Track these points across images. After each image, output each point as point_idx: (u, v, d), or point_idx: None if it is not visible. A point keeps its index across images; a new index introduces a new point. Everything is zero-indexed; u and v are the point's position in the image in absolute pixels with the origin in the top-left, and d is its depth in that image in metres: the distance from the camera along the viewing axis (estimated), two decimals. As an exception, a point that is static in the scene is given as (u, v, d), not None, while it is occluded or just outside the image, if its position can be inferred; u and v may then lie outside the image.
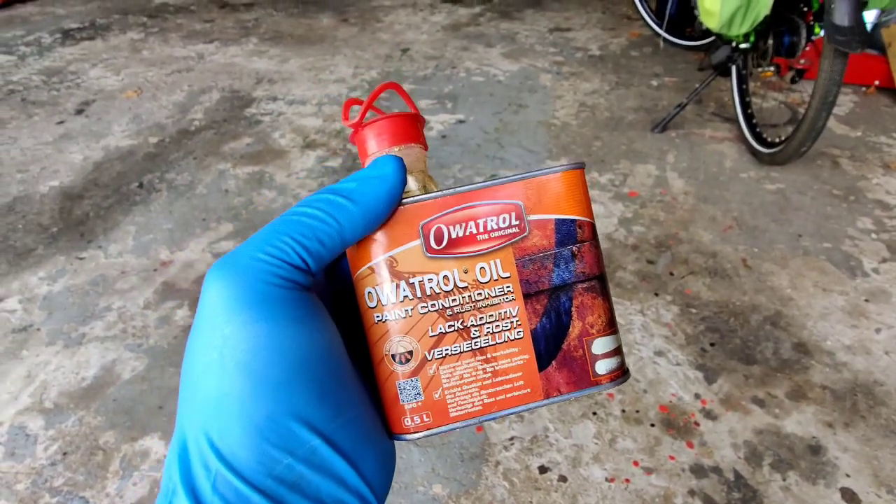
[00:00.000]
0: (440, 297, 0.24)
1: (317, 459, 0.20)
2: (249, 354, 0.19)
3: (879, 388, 1.12)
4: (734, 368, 1.17)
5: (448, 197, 0.24)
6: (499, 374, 0.25)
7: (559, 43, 2.68)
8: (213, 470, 0.19)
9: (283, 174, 1.83)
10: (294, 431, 0.20)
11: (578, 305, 0.25)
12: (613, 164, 1.81)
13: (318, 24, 3.03)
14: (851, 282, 1.36)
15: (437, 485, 0.99)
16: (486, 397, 0.25)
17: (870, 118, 1.99)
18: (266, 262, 0.20)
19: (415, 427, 0.24)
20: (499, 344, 0.25)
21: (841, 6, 1.36)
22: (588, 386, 0.25)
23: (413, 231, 0.24)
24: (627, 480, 0.99)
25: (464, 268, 0.24)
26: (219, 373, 0.19)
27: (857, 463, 1.00)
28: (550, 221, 0.25)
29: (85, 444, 1.08)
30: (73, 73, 2.56)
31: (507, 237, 0.25)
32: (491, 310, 0.25)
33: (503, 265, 0.25)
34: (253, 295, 0.20)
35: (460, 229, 0.24)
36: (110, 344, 1.28)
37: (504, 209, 0.24)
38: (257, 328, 0.20)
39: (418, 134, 0.28)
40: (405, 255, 0.24)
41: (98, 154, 1.97)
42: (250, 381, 0.19)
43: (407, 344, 0.24)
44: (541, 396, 0.25)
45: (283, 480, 0.19)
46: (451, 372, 0.25)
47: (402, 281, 0.24)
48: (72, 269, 1.49)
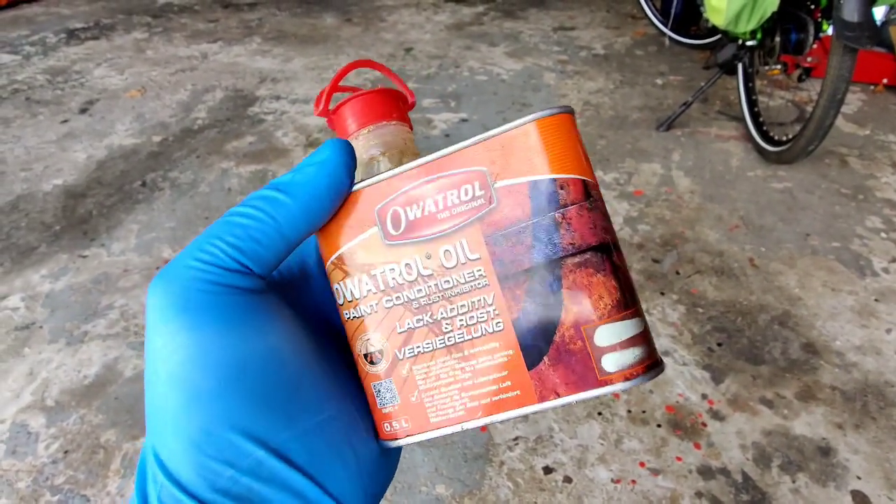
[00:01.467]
0: (404, 289, 0.21)
1: (265, 472, 0.19)
2: (179, 366, 0.19)
3: (890, 388, 1.10)
4: (742, 369, 1.16)
5: (401, 174, 0.21)
6: (479, 373, 0.21)
7: (563, 42, 2.67)
8: (159, 483, 0.19)
9: (285, 172, 1.82)
10: (232, 443, 0.18)
11: (570, 286, 0.20)
12: (618, 163, 1.80)
13: (321, 24, 3.03)
14: (861, 281, 1.34)
15: (440, 485, 0.98)
16: (468, 401, 0.21)
17: (878, 116, 1.97)
18: (198, 269, 0.19)
19: (396, 433, 0.22)
20: (476, 339, 0.21)
21: (850, 2, 1.35)
22: (594, 387, 0.20)
23: (369, 217, 0.21)
24: (634, 482, 0.98)
25: (426, 253, 0.21)
26: (153, 387, 0.19)
27: (867, 465, 0.98)
28: (523, 186, 0.20)
29: (86, 443, 1.07)
30: (77, 72, 2.56)
31: (471, 212, 0.21)
32: (461, 298, 0.21)
33: (470, 245, 0.21)
34: (183, 303, 0.19)
35: (418, 209, 0.21)
36: (112, 342, 1.27)
37: (464, 179, 0.21)
38: (188, 337, 0.19)
39: (392, 110, 0.25)
40: (364, 244, 0.22)
41: (101, 153, 1.97)
42: (182, 394, 0.18)
43: (376, 342, 0.22)
44: (534, 400, 0.20)
45: (228, 493, 0.18)
46: (427, 372, 0.21)
47: (363, 274, 0.22)
48: (74, 268, 1.48)
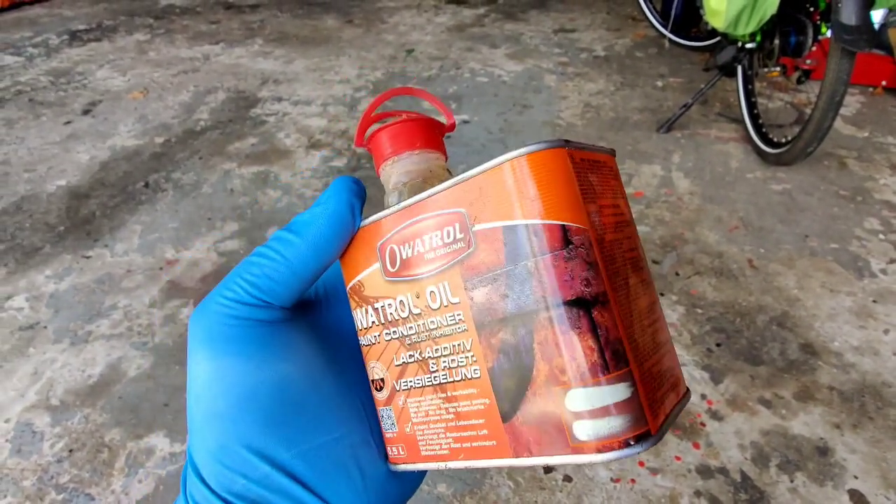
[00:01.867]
0: (399, 324, 0.22)
1: (273, 484, 0.21)
2: (202, 389, 0.22)
3: (888, 389, 1.11)
4: (740, 369, 1.16)
5: (396, 213, 0.21)
6: (461, 416, 0.21)
7: (564, 44, 2.68)
8: (192, 480, 0.22)
9: (287, 174, 1.83)
10: (243, 457, 0.21)
11: (542, 341, 0.18)
12: (619, 165, 1.80)
13: (323, 25, 3.04)
14: (859, 282, 1.35)
15: (441, 484, 0.99)
16: (452, 441, 0.21)
17: (877, 119, 1.98)
18: (222, 304, 0.22)
19: (396, 458, 0.23)
20: (458, 382, 0.20)
21: (848, 5, 1.36)
22: (565, 452, 0.18)
23: (373, 253, 0.22)
24: (633, 481, 0.99)
25: (415, 292, 0.21)
26: (188, 403, 0.23)
27: (865, 465, 0.99)
28: (498, 230, 0.19)
29: (91, 442, 1.08)
30: (80, 73, 2.57)
31: (452, 254, 0.20)
32: (445, 341, 0.21)
33: (451, 289, 0.20)
34: (209, 335, 0.22)
35: (409, 248, 0.21)
36: (116, 342, 1.28)
37: (447, 220, 0.20)
38: (209, 365, 0.22)
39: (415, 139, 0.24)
40: (369, 278, 0.23)
41: (104, 154, 1.98)
42: (202, 412, 0.22)
43: (379, 371, 0.23)
44: (509, 454, 0.19)
45: (243, 497, 0.21)
46: (418, 406, 0.22)
47: (368, 306, 0.23)
48: (78, 268, 1.49)
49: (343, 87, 2.36)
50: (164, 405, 1.14)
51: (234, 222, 1.64)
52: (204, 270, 1.47)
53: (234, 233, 1.60)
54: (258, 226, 1.62)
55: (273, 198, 1.73)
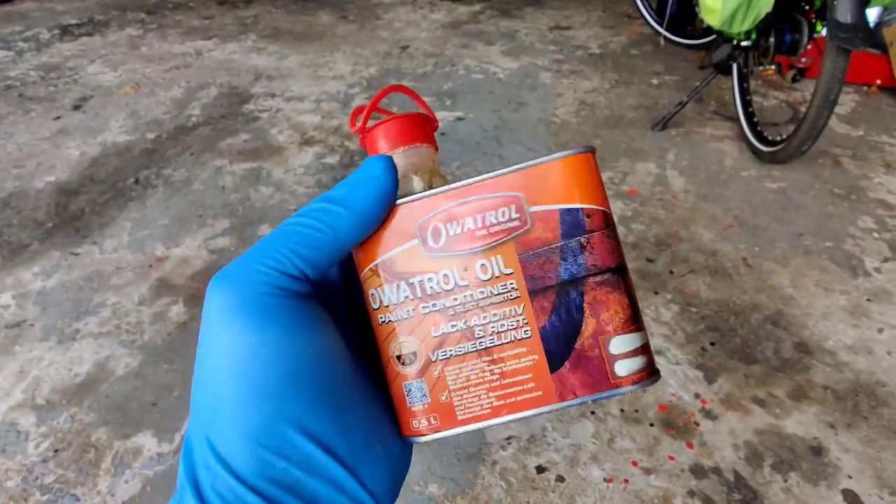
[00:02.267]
0: (441, 297, 0.24)
1: (312, 465, 0.20)
2: (245, 362, 0.20)
3: (882, 388, 1.11)
4: (734, 368, 1.16)
5: (444, 194, 0.24)
6: (507, 375, 0.23)
7: (559, 41, 2.67)
8: (213, 471, 0.20)
9: (280, 171, 1.82)
10: (288, 437, 0.20)
11: (591, 301, 0.23)
12: (613, 162, 1.80)
13: (317, 21, 3.02)
14: (853, 281, 1.35)
15: (433, 484, 0.98)
16: (494, 400, 0.23)
17: (871, 117, 1.98)
18: (262, 273, 0.21)
19: (423, 430, 0.24)
20: (505, 344, 0.23)
21: (844, 3, 1.35)
22: (607, 388, 0.23)
23: (411, 230, 0.24)
24: (626, 481, 0.98)
25: (463, 266, 0.23)
26: (216, 380, 0.20)
27: (859, 464, 0.99)
28: (554, 212, 0.23)
29: (77, 441, 1.06)
30: (70, 68, 2.54)
31: (507, 231, 0.23)
32: (494, 308, 0.23)
33: (505, 261, 0.23)
34: (249, 305, 0.20)
35: (458, 226, 0.23)
36: (104, 340, 1.26)
37: (502, 202, 0.23)
38: (252, 337, 0.20)
39: (424, 134, 0.27)
40: (404, 254, 0.24)
41: (95, 149, 1.95)
42: (244, 388, 0.20)
43: (410, 345, 0.24)
44: (555, 399, 0.23)
45: (279, 483, 0.20)
46: (457, 373, 0.24)
47: (401, 281, 0.24)
48: (66, 265, 1.47)
49: (337, 84, 2.34)
50: (153, 404, 1.12)
51: (226, 219, 1.62)
52: (194, 268, 1.45)
53: (226, 230, 1.58)
54: (250, 223, 1.60)
55: (265, 195, 1.71)
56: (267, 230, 1.57)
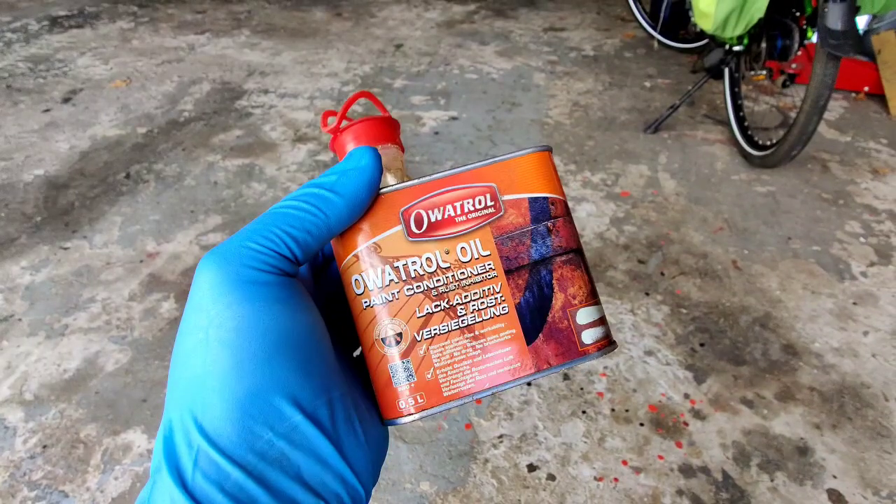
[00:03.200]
0: (424, 279, 0.25)
1: (297, 437, 0.20)
2: (233, 332, 0.20)
3: (866, 390, 1.13)
4: (723, 369, 1.17)
5: (425, 183, 0.25)
6: (488, 350, 0.25)
7: (553, 42, 2.68)
8: (195, 446, 0.19)
9: (273, 167, 1.81)
10: (276, 406, 0.20)
11: (559, 278, 0.26)
12: (606, 164, 1.81)
13: (311, 18, 3.00)
14: (840, 285, 1.37)
15: (424, 482, 0.98)
16: (477, 374, 0.25)
17: (859, 124, 2.01)
18: (255, 251, 0.21)
19: (410, 409, 0.25)
20: (486, 320, 0.25)
21: (834, 10, 1.37)
22: (577, 356, 0.25)
23: (394, 217, 0.25)
24: (616, 480, 0.99)
25: (445, 249, 0.25)
26: (203, 352, 0.20)
27: (843, 464, 1.00)
28: (524, 200, 0.26)
29: (65, 438, 1.05)
30: (60, 61, 2.51)
31: (483, 217, 0.25)
32: (475, 287, 0.25)
33: (482, 244, 0.25)
34: (239, 279, 0.21)
35: (439, 213, 0.25)
36: (94, 336, 1.25)
37: (479, 191, 0.26)
38: (242, 308, 0.20)
39: (394, 135, 0.29)
40: (388, 240, 0.25)
41: (85, 143, 1.93)
42: (233, 358, 0.20)
43: (396, 326, 0.25)
44: (532, 370, 0.25)
45: (263, 456, 0.20)
46: (442, 351, 0.25)
47: (386, 265, 0.25)
48: (55, 260, 1.46)
49: (331, 81, 2.34)
50: (143, 401, 1.12)
51: (218, 215, 1.61)
52: (186, 264, 1.44)
53: (218, 226, 1.57)
54: (242, 219, 1.59)
55: (258, 191, 1.70)
56: (259, 227, 1.56)
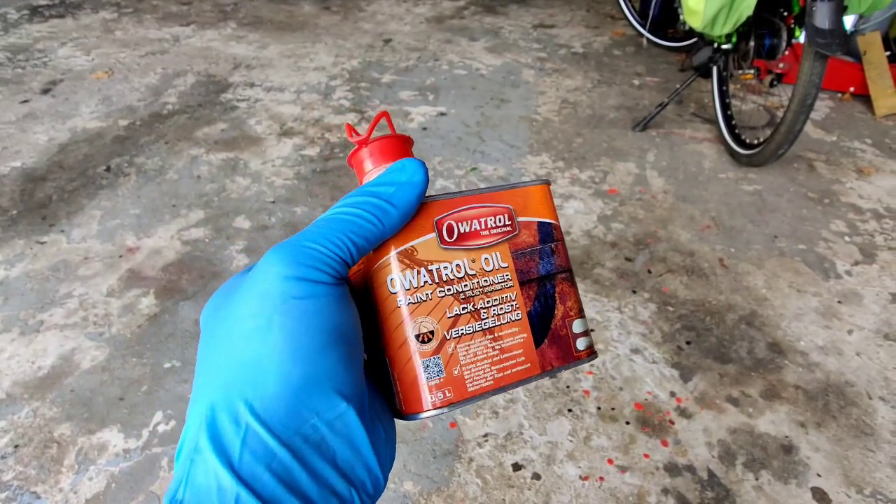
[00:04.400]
0: (454, 283, 0.27)
1: (339, 424, 0.22)
2: (297, 321, 0.22)
3: (850, 388, 1.13)
4: (709, 367, 1.17)
5: (455, 198, 0.28)
6: (504, 350, 0.28)
7: (543, 39, 2.67)
8: (244, 425, 0.20)
9: (258, 161, 1.78)
10: (325, 393, 0.22)
11: (560, 292, 0.30)
12: (594, 162, 1.80)
13: (299, 11, 2.96)
14: (825, 283, 1.37)
15: (408, 482, 0.97)
16: (496, 373, 0.28)
17: (845, 123, 2.02)
18: (322, 252, 0.23)
19: (437, 403, 0.26)
20: (503, 324, 0.28)
21: (822, 9, 1.37)
22: (573, 360, 0.29)
23: (429, 225, 0.27)
24: (601, 479, 0.98)
25: (472, 258, 0.28)
26: (264, 336, 0.21)
27: (828, 463, 1.01)
28: (534, 223, 0.30)
29: (38, 437, 1.02)
30: (40, 51, 2.46)
31: (503, 234, 0.29)
32: (495, 294, 0.28)
33: (502, 257, 0.29)
34: (306, 275, 0.22)
35: (467, 226, 0.28)
36: (70, 332, 1.22)
37: (500, 211, 0.29)
38: (306, 302, 0.22)
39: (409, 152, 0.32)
40: (423, 246, 0.27)
41: (64, 135, 1.89)
42: (293, 344, 0.21)
43: (429, 324, 0.27)
44: (538, 370, 0.28)
45: (307, 439, 0.21)
46: (467, 350, 0.27)
47: (422, 268, 0.27)
48: (31, 254, 1.42)
49: (318, 75, 2.30)
50: (119, 399, 1.09)
51: (200, 210, 1.58)
52: (167, 259, 1.41)
53: (200, 221, 1.54)
54: (225, 214, 1.56)
55: (242, 185, 1.67)
56: (243, 222, 1.53)
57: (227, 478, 0.19)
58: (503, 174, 1.74)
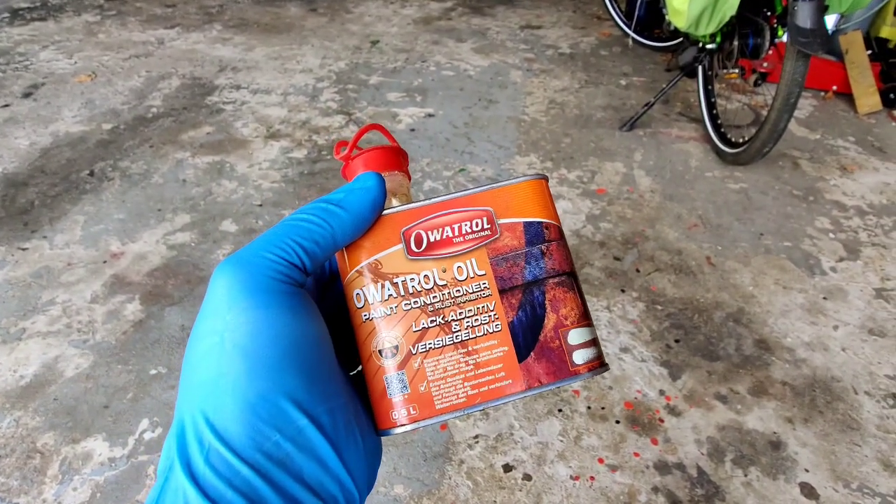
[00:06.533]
0: (422, 295, 0.26)
1: (302, 440, 0.21)
2: (247, 338, 0.21)
3: (836, 383, 1.14)
4: (698, 365, 1.18)
5: (425, 206, 0.27)
6: (480, 366, 0.26)
7: (530, 40, 2.68)
8: (207, 444, 0.20)
9: (244, 164, 1.76)
10: (284, 410, 0.21)
11: (552, 299, 0.27)
12: (582, 162, 1.81)
13: (285, 13, 2.95)
14: (810, 280, 1.39)
15: (398, 485, 0.96)
16: (469, 389, 0.26)
17: (828, 122, 2.05)
18: (270, 260, 0.23)
19: (402, 420, 0.25)
20: (479, 337, 0.26)
21: (803, 9, 1.39)
22: (567, 376, 0.26)
23: (395, 237, 0.26)
24: (592, 478, 0.98)
25: (442, 267, 0.26)
26: (218, 354, 0.21)
27: (815, 458, 1.01)
28: (519, 224, 0.27)
29: (21, 447, 1.00)
30: (21, 54, 2.42)
31: (480, 239, 0.27)
32: (469, 304, 0.26)
33: (478, 264, 0.27)
34: (255, 286, 0.22)
35: (437, 234, 0.27)
36: (53, 340, 1.20)
37: (476, 215, 0.27)
38: (257, 314, 0.22)
39: (401, 164, 0.31)
40: (389, 258, 0.26)
41: (46, 140, 1.86)
42: (247, 362, 0.21)
43: (392, 339, 0.26)
44: (523, 387, 0.26)
45: (270, 456, 0.21)
46: (436, 365, 0.26)
47: (386, 281, 0.26)
48: (13, 260, 1.39)
49: (305, 77, 2.29)
50: (104, 407, 1.07)
51: (186, 214, 1.56)
52: (152, 264, 1.40)
53: (186, 225, 1.52)
54: (212, 217, 1.55)
55: (228, 189, 1.66)
56: (230, 225, 1.52)
57: (193, 494, 0.20)
58: (492, 174, 1.74)
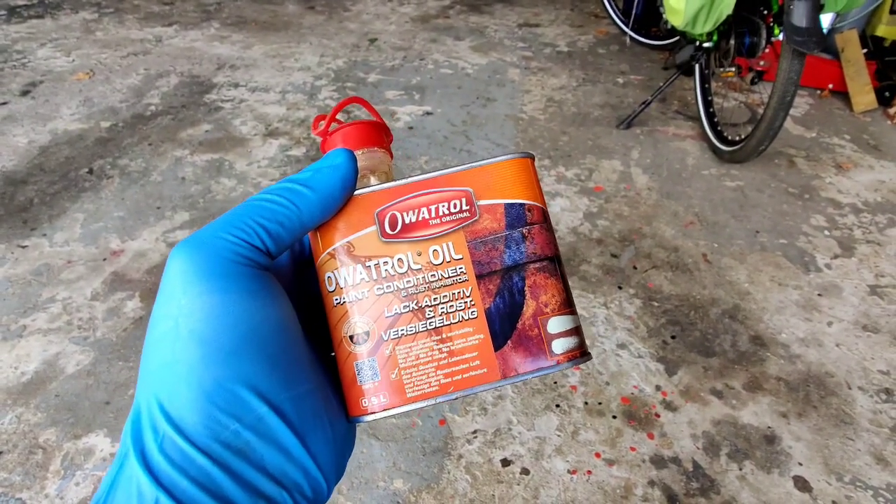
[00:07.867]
0: (395, 279, 0.25)
1: (263, 428, 0.20)
2: (202, 323, 0.20)
3: (830, 379, 1.16)
4: (694, 360, 1.19)
5: (401, 186, 0.25)
6: (454, 353, 0.25)
7: (528, 38, 2.68)
8: (161, 432, 0.19)
9: (243, 162, 1.77)
10: (242, 398, 0.20)
11: (531, 285, 0.25)
12: (579, 159, 1.82)
13: (283, 11, 2.95)
14: (805, 276, 1.40)
15: (398, 480, 0.97)
16: (442, 377, 0.25)
17: (824, 120, 2.06)
18: (228, 241, 0.22)
19: (372, 407, 0.24)
20: (454, 324, 0.25)
21: (799, 8, 1.40)
22: (546, 366, 0.25)
23: (369, 218, 0.25)
24: (589, 472, 0.99)
25: (417, 251, 0.25)
26: (173, 340, 0.20)
27: (809, 452, 1.03)
28: (500, 206, 0.26)
29: (23, 443, 1.01)
30: (18, 52, 2.42)
31: (458, 221, 0.25)
32: (445, 290, 0.25)
33: (455, 247, 0.25)
34: (211, 268, 0.21)
35: (413, 215, 0.25)
36: (54, 336, 1.20)
37: (454, 195, 0.26)
38: (213, 298, 0.20)
39: (381, 140, 0.30)
40: (361, 240, 0.25)
41: (44, 138, 1.86)
42: (201, 348, 0.20)
43: (364, 325, 0.25)
44: (498, 376, 0.25)
45: (228, 445, 0.20)
46: (408, 352, 0.25)
47: (358, 264, 0.25)
48: (13, 258, 1.40)
49: (303, 75, 2.30)
50: (106, 403, 1.08)
51: (185, 212, 1.57)
52: (151, 262, 1.40)
53: (185, 223, 1.53)
54: (211, 215, 1.55)
55: (227, 187, 1.66)
56: (229, 223, 1.53)
57: (147, 482, 0.19)
58: (489, 173, 1.75)
